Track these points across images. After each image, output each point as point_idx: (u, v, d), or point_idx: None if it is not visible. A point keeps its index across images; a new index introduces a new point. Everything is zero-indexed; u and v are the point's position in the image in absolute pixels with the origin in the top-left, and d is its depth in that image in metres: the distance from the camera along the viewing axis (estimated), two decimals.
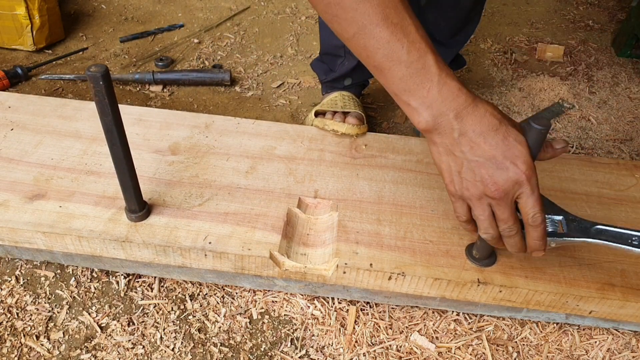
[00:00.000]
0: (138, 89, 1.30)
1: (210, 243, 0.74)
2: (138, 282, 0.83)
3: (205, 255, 0.74)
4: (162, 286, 0.83)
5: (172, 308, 0.80)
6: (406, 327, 0.80)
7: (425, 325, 0.80)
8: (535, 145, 0.61)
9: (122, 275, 0.83)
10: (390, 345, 0.77)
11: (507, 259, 0.76)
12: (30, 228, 0.75)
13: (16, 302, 0.80)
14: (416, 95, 0.58)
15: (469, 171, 0.60)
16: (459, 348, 0.78)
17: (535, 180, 0.60)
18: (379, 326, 0.80)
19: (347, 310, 0.81)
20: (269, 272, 0.75)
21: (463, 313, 0.82)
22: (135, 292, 0.82)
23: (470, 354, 0.77)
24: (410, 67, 0.57)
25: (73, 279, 0.83)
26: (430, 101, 0.58)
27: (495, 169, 0.59)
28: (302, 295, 0.83)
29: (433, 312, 0.82)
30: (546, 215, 0.63)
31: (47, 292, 0.81)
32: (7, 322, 0.77)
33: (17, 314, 0.78)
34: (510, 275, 0.74)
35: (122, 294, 0.81)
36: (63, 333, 0.76)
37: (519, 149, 0.58)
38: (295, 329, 0.79)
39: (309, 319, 0.80)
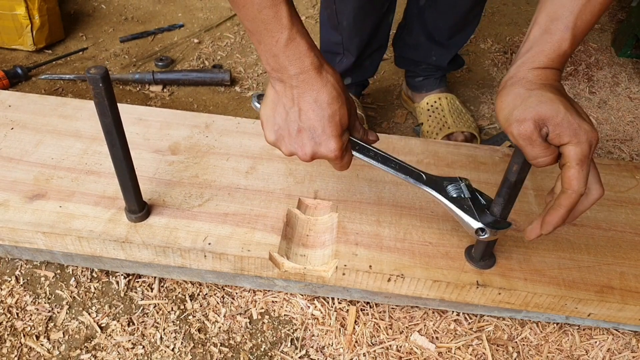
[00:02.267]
0: (138, 89, 1.30)
1: (209, 244, 0.74)
2: (138, 282, 0.83)
3: (205, 256, 0.74)
4: (162, 286, 0.83)
5: (172, 308, 0.80)
6: (406, 327, 0.80)
7: (425, 325, 0.80)
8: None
9: (122, 275, 0.83)
10: (390, 346, 0.77)
11: (506, 261, 0.76)
12: (31, 228, 0.75)
13: (16, 302, 0.80)
14: (264, 41, 0.58)
15: (291, 131, 0.62)
16: (459, 348, 0.78)
17: (341, 161, 0.64)
18: (379, 326, 0.80)
19: (347, 310, 0.81)
20: (268, 273, 0.75)
21: (463, 313, 0.82)
22: (135, 292, 0.82)
23: (471, 354, 0.77)
24: (262, 13, 0.56)
25: (73, 279, 0.83)
26: (277, 52, 0.58)
27: (309, 140, 0.62)
28: (302, 295, 0.83)
29: (433, 312, 0.82)
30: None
31: (47, 292, 0.81)
32: (7, 322, 0.77)
33: (17, 314, 0.78)
34: (509, 278, 0.74)
35: (122, 294, 0.81)
36: (63, 333, 0.76)
37: (337, 131, 0.61)
38: (295, 329, 0.79)
39: (309, 319, 0.80)
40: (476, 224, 0.66)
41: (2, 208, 0.77)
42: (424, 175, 0.69)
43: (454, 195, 0.68)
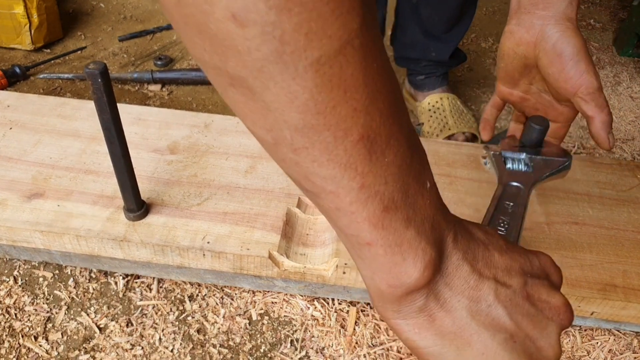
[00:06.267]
0: (137, 88, 1.29)
1: (208, 243, 0.74)
2: (137, 282, 0.83)
3: (204, 255, 0.74)
4: (161, 287, 0.82)
5: (171, 309, 0.80)
6: None
7: None
8: (535, 143, 0.61)
9: (120, 275, 0.83)
10: (390, 347, 0.77)
11: None
12: (28, 227, 0.74)
13: (14, 303, 0.79)
14: (411, 197, 0.31)
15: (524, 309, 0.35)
16: None
17: None
18: (380, 327, 0.79)
19: (348, 311, 0.81)
20: (267, 272, 0.75)
21: None
22: (134, 293, 0.81)
23: None
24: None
25: (71, 279, 0.82)
26: (429, 208, 0.32)
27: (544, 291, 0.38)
28: (301, 296, 0.82)
29: None
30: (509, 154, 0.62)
31: (46, 293, 0.81)
32: (5, 322, 0.76)
33: (15, 314, 0.78)
34: None
35: (120, 295, 0.81)
36: (61, 334, 0.76)
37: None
38: (295, 330, 0.78)
39: (308, 320, 0.80)
40: None
41: None
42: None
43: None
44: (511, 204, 0.54)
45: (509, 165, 0.60)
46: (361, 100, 0.24)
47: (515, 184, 0.57)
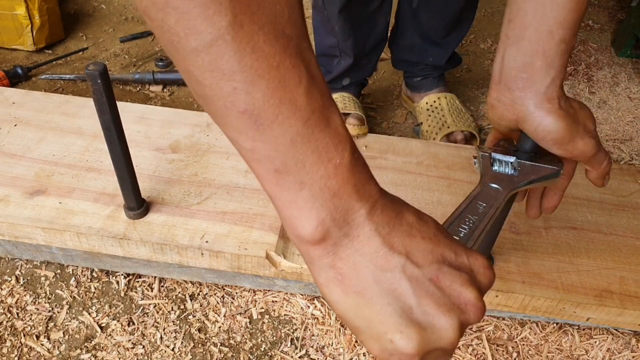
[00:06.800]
0: (138, 89, 1.30)
1: (207, 242, 0.74)
2: (138, 282, 0.83)
3: (202, 253, 0.74)
4: (162, 286, 0.83)
5: (172, 308, 0.80)
6: None
7: None
8: (531, 149, 0.60)
9: (122, 275, 0.83)
10: None
11: (504, 264, 0.76)
12: (30, 223, 0.75)
13: (16, 302, 0.80)
14: (312, 172, 0.34)
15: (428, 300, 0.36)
16: (458, 348, 0.78)
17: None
18: None
19: None
20: (265, 272, 0.75)
21: None
22: (136, 292, 0.82)
23: (470, 354, 0.77)
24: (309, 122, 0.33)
25: (73, 278, 0.83)
26: (336, 184, 0.35)
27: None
28: (302, 295, 0.83)
29: None
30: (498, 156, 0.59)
31: (47, 292, 0.81)
32: (7, 322, 0.77)
33: (17, 313, 0.78)
34: (507, 280, 0.74)
35: (122, 294, 0.81)
36: (63, 333, 0.76)
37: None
38: (295, 329, 0.79)
39: (309, 318, 0.80)
40: None
41: (2, 203, 0.77)
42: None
43: None
44: (484, 204, 0.53)
45: (495, 167, 0.58)
46: (240, 82, 0.30)
47: (494, 186, 0.56)
